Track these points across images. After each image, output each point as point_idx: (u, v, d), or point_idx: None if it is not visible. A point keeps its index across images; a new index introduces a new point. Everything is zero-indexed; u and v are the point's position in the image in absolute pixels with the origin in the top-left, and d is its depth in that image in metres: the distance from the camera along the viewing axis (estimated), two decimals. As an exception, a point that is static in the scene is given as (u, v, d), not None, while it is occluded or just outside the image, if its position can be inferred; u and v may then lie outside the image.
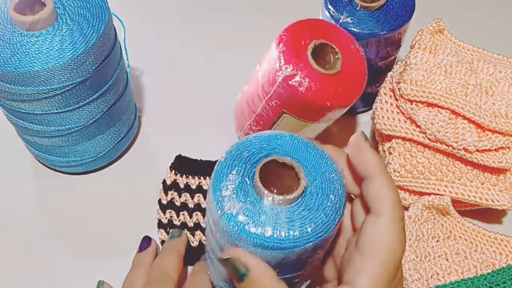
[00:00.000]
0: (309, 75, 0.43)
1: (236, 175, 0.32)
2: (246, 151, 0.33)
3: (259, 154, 0.33)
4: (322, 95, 0.43)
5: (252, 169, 0.32)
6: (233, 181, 0.32)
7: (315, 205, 0.31)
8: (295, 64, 0.43)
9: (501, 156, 0.47)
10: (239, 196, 0.31)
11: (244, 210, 0.30)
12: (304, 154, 0.33)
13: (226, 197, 0.31)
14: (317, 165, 0.33)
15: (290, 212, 0.31)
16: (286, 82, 0.43)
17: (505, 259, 0.48)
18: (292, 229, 0.30)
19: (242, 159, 0.33)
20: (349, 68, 0.45)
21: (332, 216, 0.31)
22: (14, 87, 0.41)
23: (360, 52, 0.47)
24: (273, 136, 0.34)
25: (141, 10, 0.69)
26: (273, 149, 0.33)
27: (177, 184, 0.50)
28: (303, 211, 0.31)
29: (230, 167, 0.32)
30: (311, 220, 0.31)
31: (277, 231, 0.30)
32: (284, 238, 0.30)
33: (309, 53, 0.44)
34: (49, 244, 0.49)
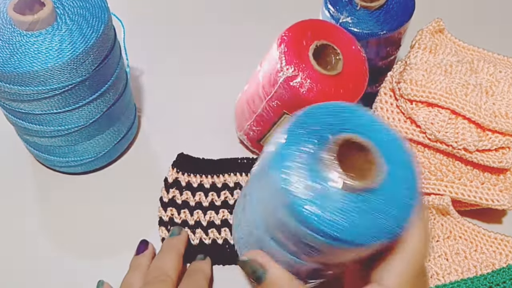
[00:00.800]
0: (310, 76, 0.43)
1: (308, 155, 0.28)
2: (317, 125, 0.29)
3: (327, 131, 0.29)
4: (324, 96, 0.43)
5: (323, 146, 0.28)
6: (305, 163, 0.27)
7: (393, 197, 0.28)
8: (297, 65, 0.43)
9: (501, 156, 0.47)
10: (314, 179, 0.27)
11: (318, 197, 0.27)
12: (375, 134, 0.29)
13: (299, 181, 0.27)
14: (391, 147, 0.29)
15: (367, 202, 0.27)
16: (287, 83, 0.43)
17: (505, 259, 0.48)
18: (368, 223, 0.27)
19: (312, 133, 0.28)
20: (350, 69, 0.45)
21: (409, 209, 0.28)
22: (13, 87, 0.41)
23: (361, 53, 0.47)
24: (340, 107, 0.30)
25: (141, 10, 0.69)
26: (343, 124, 0.29)
27: (178, 182, 0.51)
28: (382, 201, 0.27)
29: (300, 144, 0.28)
30: (390, 212, 0.27)
31: (352, 224, 0.27)
32: (358, 232, 0.27)
33: (310, 54, 0.44)
34: (49, 244, 0.49)
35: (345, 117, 0.29)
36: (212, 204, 0.50)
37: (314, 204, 0.26)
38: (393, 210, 0.28)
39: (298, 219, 0.27)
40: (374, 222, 0.27)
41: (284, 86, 0.44)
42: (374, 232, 0.27)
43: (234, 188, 0.51)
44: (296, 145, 0.28)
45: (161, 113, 0.59)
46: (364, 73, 0.47)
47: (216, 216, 0.49)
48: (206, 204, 0.50)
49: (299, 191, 0.27)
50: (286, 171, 0.27)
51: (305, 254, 0.30)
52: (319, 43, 0.45)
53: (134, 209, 0.51)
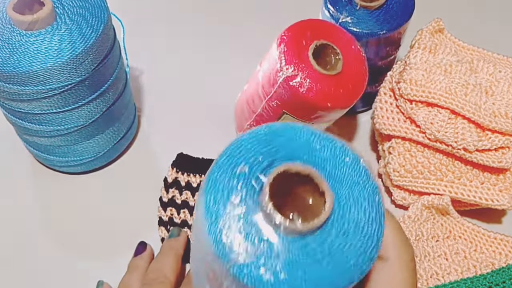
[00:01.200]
0: (310, 76, 0.43)
1: (238, 204, 0.23)
2: (243, 163, 0.24)
3: (260, 165, 0.24)
4: (323, 96, 0.43)
5: (254, 189, 0.23)
6: (235, 214, 0.23)
7: (350, 225, 0.23)
8: (296, 65, 0.43)
9: (500, 155, 0.47)
10: (249, 236, 0.22)
11: (259, 256, 0.22)
12: (319, 152, 0.25)
13: (231, 239, 0.22)
14: (339, 164, 0.24)
15: (320, 244, 0.22)
16: (287, 82, 0.43)
17: (505, 258, 0.48)
18: (328, 268, 0.22)
19: (239, 177, 0.23)
20: (350, 68, 0.45)
21: (375, 235, 0.23)
22: (13, 87, 0.41)
23: (361, 53, 0.47)
24: (271, 132, 0.25)
25: (140, 10, 0.69)
26: (276, 153, 0.24)
27: (178, 182, 0.51)
28: (337, 238, 0.23)
29: (225, 191, 0.23)
30: (351, 248, 0.23)
31: (307, 277, 0.22)
32: (319, 282, 0.22)
33: (310, 54, 0.44)
34: (49, 243, 0.49)
35: (278, 143, 0.24)
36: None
37: (255, 268, 0.22)
38: (354, 242, 0.23)
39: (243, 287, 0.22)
40: (334, 266, 0.22)
41: (284, 85, 0.44)
42: (336, 277, 0.22)
43: None
44: (222, 196, 0.23)
45: (161, 113, 0.59)
46: (363, 73, 0.47)
47: None
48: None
49: (233, 257, 0.22)
50: (215, 234, 0.22)
51: None
52: (319, 43, 0.45)
53: (134, 209, 0.51)
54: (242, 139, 0.25)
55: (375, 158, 0.57)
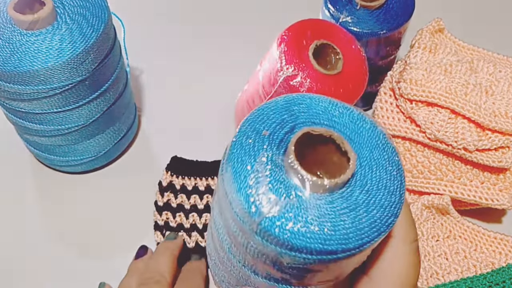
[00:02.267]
0: (310, 76, 0.43)
1: (265, 163, 0.24)
2: (266, 127, 0.25)
3: (282, 130, 0.25)
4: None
5: (279, 150, 0.24)
6: (262, 173, 0.23)
7: (373, 183, 0.24)
8: (297, 64, 0.43)
9: (501, 155, 0.47)
10: (278, 190, 0.23)
11: (289, 209, 0.23)
12: (337, 119, 0.26)
13: (260, 196, 0.23)
14: (358, 129, 0.26)
15: (346, 199, 0.23)
16: (287, 82, 0.43)
17: (505, 258, 0.48)
18: (356, 221, 0.23)
19: (263, 139, 0.25)
20: (350, 68, 0.45)
21: (397, 192, 0.24)
22: (13, 86, 0.41)
23: (361, 52, 0.47)
24: (290, 101, 0.26)
25: (141, 9, 0.69)
26: (297, 119, 0.25)
27: (173, 185, 0.50)
28: (361, 194, 0.24)
29: (251, 153, 0.24)
30: (376, 203, 0.23)
31: (336, 229, 0.23)
32: (349, 234, 0.23)
33: (310, 54, 0.44)
34: (49, 243, 0.49)
35: (297, 110, 0.26)
36: (207, 207, 0.50)
37: (287, 220, 0.22)
38: (377, 198, 0.24)
39: (274, 241, 0.23)
40: (360, 219, 0.23)
41: (284, 85, 0.44)
42: (364, 230, 0.23)
43: None
44: (248, 158, 0.24)
45: (161, 113, 0.59)
46: (364, 72, 0.47)
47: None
48: (201, 207, 0.50)
49: (265, 210, 0.22)
50: (245, 192, 0.23)
51: (298, 279, 0.26)
52: (319, 43, 0.45)
53: (134, 209, 0.51)
54: (262, 108, 0.26)
55: (375, 157, 0.57)
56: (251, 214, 0.23)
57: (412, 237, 0.28)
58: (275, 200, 0.23)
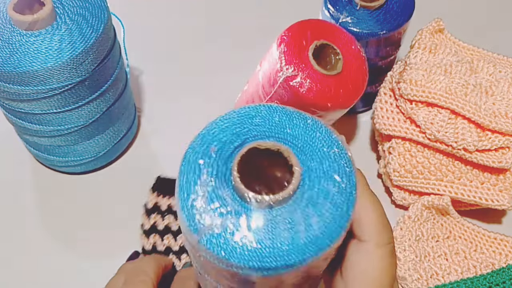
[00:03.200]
0: (310, 76, 0.43)
1: (207, 179, 0.24)
2: (214, 144, 0.25)
3: (231, 144, 0.25)
4: (323, 96, 0.43)
5: (226, 166, 0.24)
6: (205, 190, 0.23)
7: (319, 195, 0.23)
8: (296, 65, 0.43)
9: (501, 156, 0.47)
10: (218, 208, 0.23)
11: (228, 226, 0.22)
12: (290, 130, 0.25)
13: (201, 213, 0.23)
14: (310, 140, 0.25)
15: (289, 214, 0.23)
16: (287, 83, 0.43)
17: (505, 259, 0.48)
18: (297, 236, 0.22)
19: (210, 156, 0.25)
20: (350, 69, 0.45)
21: (345, 205, 0.23)
22: (13, 87, 0.41)
23: (361, 53, 0.47)
24: (244, 114, 0.26)
25: (141, 10, 0.69)
26: (248, 132, 0.25)
27: (158, 207, 0.48)
28: (306, 208, 0.23)
29: (196, 170, 0.24)
30: (320, 217, 0.23)
31: (278, 243, 0.22)
32: (289, 251, 0.22)
33: (310, 54, 0.44)
34: (49, 243, 0.49)
35: (252, 123, 0.25)
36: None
37: (225, 238, 0.22)
38: (322, 212, 0.23)
39: (214, 258, 0.22)
40: (300, 235, 0.23)
41: (284, 86, 0.44)
42: (304, 245, 0.22)
43: None
44: (193, 175, 0.24)
45: (161, 113, 0.59)
46: (364, 73, 0.47)
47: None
48: None
49: (204, 228, 0.22)
50: (187, 210, 0.23)
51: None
52: (319, 43, 0.45)
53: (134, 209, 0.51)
54: (216, 122, 0.26)
55: (375, 158, 0.57)
56: (192, 231, 0.23)
57: (386, 240, 0.27)
58: (215, 218, 0.23)
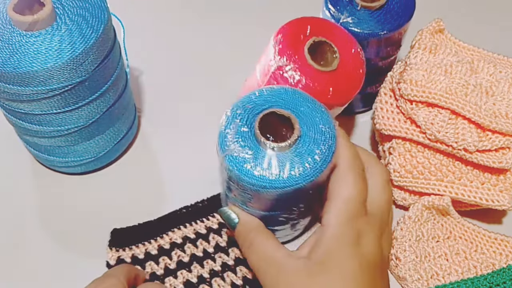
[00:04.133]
0: (302, 69, 0.43)
1: (239, 123, 0.37)
2: (250, 104, 0.38)
3: (262, 106, 0.38)
4: (312, 91, 0.43)
5: (254, 119, 0.37)
6: (235, 129, 0.37)
7: (305, 152, 0.36)
8: (289, 56, 0.43)
9: (501, 156, 0.47)
10: (240, 141, 0.36)
11: (244, 153, 0.36)
12: (302, 108, 0.38)
13: (228, 141, 0.36)
14: (312, 117, 0.38)
15: (283, 157, 0.36)
16: (278, 73, 0.43)
17: (505, 259, 0.48)
18: (282, 172, 0.35)
19: (246, 109, 0.38)
20: (346, 69, 0.45)
21: (320, 163, 0.36)
22: (13, 87, 0.41)
23: (361, 56, 0.47)
24: (276, 91, 0.39)
25: (141, 10, 0.69)
26: (275, 102, 0.38)
27: (122, 260, 0.46)
28: (294, 157, 0.36)
29: (235, 116, 0.37)
30: (300, 164, 0.36)
31: (268, 172, 0.35)
32: (274, 180, 0.35)
33: (305, 48, 0.44)
34: (49, 244, 0.49)
35: (279, 97, 0.39)
36: (167, 270, 0.46)
37: (252, 165, 0.36)
38: (308, 160, 0.36)
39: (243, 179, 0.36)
40: (290, 171, 0.35)
41: (275, 76, 0.43)
42: (292, 177, 0.35)
43: (183, 244, 0.47)
44: (232, 129, 0.37)
45: (161, 113, 0.59)
46: (359, 76, 0.46)
47: (176, 281, 0.45)
48: (161, 272, 0.45)
49: (229, 151, 0.36)
50: (223, 138, 0.37)
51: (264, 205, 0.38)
52: (317, 39, 0.45)
53: (134, 209, 0.51)
54: (254, 92, 0.39)
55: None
56: (221, 151, 0.37)
57: (354, 166, 0.37)
58: (236, 147, 0.36)
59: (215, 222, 0.48)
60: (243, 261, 0.46)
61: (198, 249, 0.47)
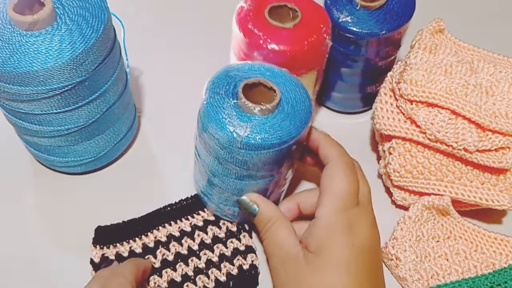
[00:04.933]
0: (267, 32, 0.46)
1: (228, 108, 0.40)
2: (220, 89, 0.41)
3: (230, 86, 0.41)
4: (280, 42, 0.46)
5: (234, 99, 0.40)
6: (229, 114, 0.39)
7: (289, 112, 0.40)
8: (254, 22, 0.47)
9: (501, 156, 0.47)
10: (244, 120, 0.39)
11: (252, 128, 0.39)
12: (277, 77, 0.43)
13: (236, 126, 0.39)
14: (289, 84, 0.42)
15: (270, 119, 0.39)
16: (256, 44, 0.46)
17: (505, 259, 0.48)
18: (270, 132, 0.39)
19: (222, 96, 0.41)
20: (309, 21, 0.47)
21: (304, 120, 0.40)
22: (13, 87, 0.41)
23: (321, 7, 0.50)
24: (227, 69, 0.43)
25: (141, 10, 0.69)
26: (235, 78, 0.42)
27: (106, 258, 0.46)
28: (279, 118, 0.40)
29: (219, 105, 0.40)
30: (287, 124, 0.39)
31: (262, 134, 0.38)
32: (267, 138, 0.39)
33: (266, 14, 0.47)
34: (49, 244, 0.49)
35: (234, 74, 0.43)
36: (152, 268, 0.45)
37: (254, 134, 0.38)
38: (293, 120, 0.40)
39: (251, 148, 0.39)
40: (280, 129, 0.39)
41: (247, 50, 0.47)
42: (281, 135, 0.39)
43: (168, 243, 0.47)
44: (218, 108, 0.40)
45: (161, 113, 0.59)
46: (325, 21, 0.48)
47: (160, 279, 0.45)
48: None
49: (242, 133, 0.38)
50: (224, 128, 0.39)
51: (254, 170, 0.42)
52: (276, 4, 0.48)
53: (134, 209, 0.51)
54: (213, 79, 0.43)
55: (375, 158, 0.57)
56: (235, 137, 0.38)
57: (342, 162, 0.41)
58: (245, 126, 0.39)
59: (200, 219, 0.48)
60: (227, 257, 0.47)
61: (183, 247, 0.47)
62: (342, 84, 0.56)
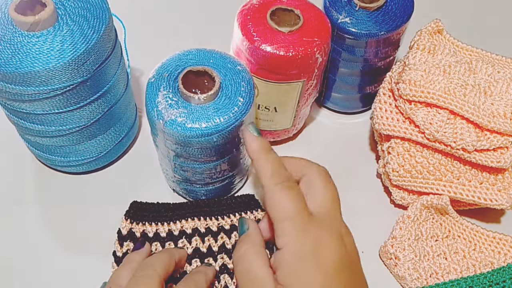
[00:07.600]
0: (268, 35, 0.46)
1: (164, 91, 0.41)
2: (166, 72, 0.43)
3: (176, 71, 0.43)
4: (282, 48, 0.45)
5: (175, 83, 0.42)
6: (163, 96, 0.41)
7: (232, 93, 0.42)
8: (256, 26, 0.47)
9: (499, 155, 0.47)
10: (172, 105, 0.40)
11: (180, 114, 0.40)
12: (211, 60, 0.44)
13: (163, 109, 0.40)
14: (224, 64, 0.43)
15: (215, 104, 0.41)
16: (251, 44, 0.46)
17: (504, 258, 0.48)
18: (220, 115, 0.40)
19: (164, 78, 0.42)
20: (309, 25, 0.47)
21: (248, 99, 0.42)
22: (15, 88, 0.41)
23: (322, 12, 0.49)
24: (182, 54, 0.44)
25: (142, 10, 0.69)
26: (185, 63, 0.43)
27: (133, 233, 0.47)
28: (225, 100, 0.41)
29: (157, 87, 0.42)
30: (233, 104, 0.41)
31: (210, 121, 0.40)
32: (218, 123, 0.40)
33: (268, 15, 0.47)
34: (49, 243, 0.49)
35: (185, 58, 0.44)
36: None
37: (182, 120, 0.40)
38: (238, 99, 0.41)
39: (175, 135, 0.40)
40: (228, 112, 0.40)
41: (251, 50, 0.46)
42: (231, 117, 0.40)
43: (192, 236, 0.47)
44: (158, 81, 0.42)
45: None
46: (325, 25, 0.48)
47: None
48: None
49: (166, 117, 0.40)
50: (155, 109, 0.41)
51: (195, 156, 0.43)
52: (276, 7, 0.48)
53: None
54: (167, 60, 0.44)
55: (374, 158, 0.57)
56: (158, 119, 0.40)
57: (276, 181, 0.37)
58: (172, 110, 0.40)
59: (229, 223, 0.48)
60: None
61: (204, 245, 0.47)
62: (341, 85, 0.56)
